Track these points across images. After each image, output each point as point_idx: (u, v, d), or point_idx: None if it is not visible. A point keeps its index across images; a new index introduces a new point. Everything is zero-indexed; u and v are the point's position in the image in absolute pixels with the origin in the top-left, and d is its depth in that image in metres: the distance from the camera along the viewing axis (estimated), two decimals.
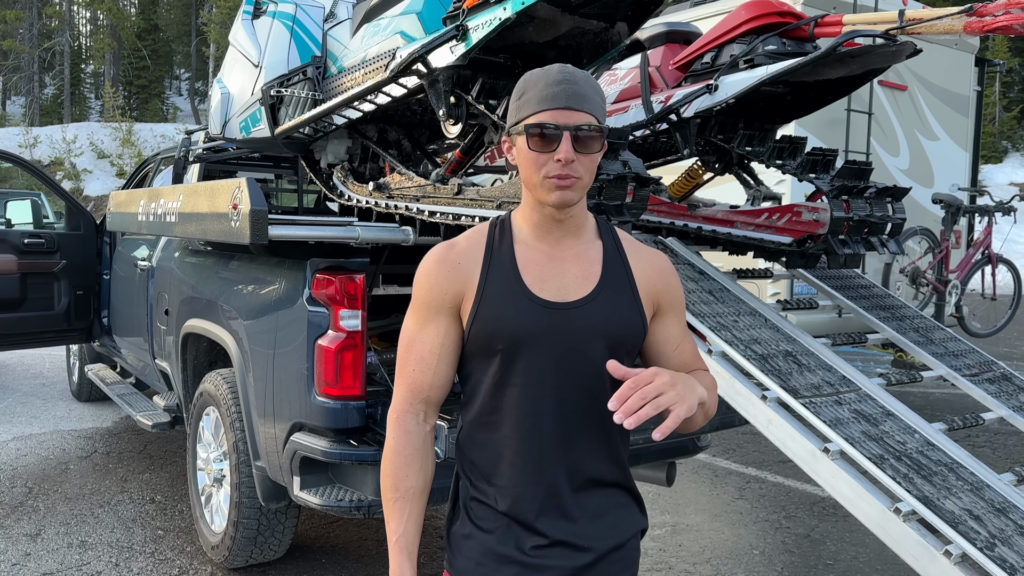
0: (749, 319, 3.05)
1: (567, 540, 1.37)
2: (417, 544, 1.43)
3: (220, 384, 3.52)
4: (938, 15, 2.90)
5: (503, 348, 1.36)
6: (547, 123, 1.31)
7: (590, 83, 1.35)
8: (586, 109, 1.32)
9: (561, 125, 1.31)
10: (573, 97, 1.32)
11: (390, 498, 1.42)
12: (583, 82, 1.34)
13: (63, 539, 3.88)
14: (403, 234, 3.10)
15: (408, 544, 1.41)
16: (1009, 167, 26.79)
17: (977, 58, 7.11)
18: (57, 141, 27.63)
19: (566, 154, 1.30)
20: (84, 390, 6.57)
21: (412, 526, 1.42)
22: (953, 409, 6.64)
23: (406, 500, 1.41)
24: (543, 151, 1.32)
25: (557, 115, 1.31)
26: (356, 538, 3.98)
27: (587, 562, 1.38)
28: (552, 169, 1.32)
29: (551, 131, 1.31)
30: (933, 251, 6.32)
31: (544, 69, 1.36)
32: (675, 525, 4.17)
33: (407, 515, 1.41)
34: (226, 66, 3.91)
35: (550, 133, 1.31)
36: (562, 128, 1.31)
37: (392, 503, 1.42)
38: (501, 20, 2.42)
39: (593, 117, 1.33)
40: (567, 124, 1.31)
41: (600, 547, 1.39)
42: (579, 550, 1.38)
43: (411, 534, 1.41)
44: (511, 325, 1.35)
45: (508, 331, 1.35)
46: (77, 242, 5.50)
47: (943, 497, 2.37)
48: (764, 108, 3.57)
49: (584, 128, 1.32)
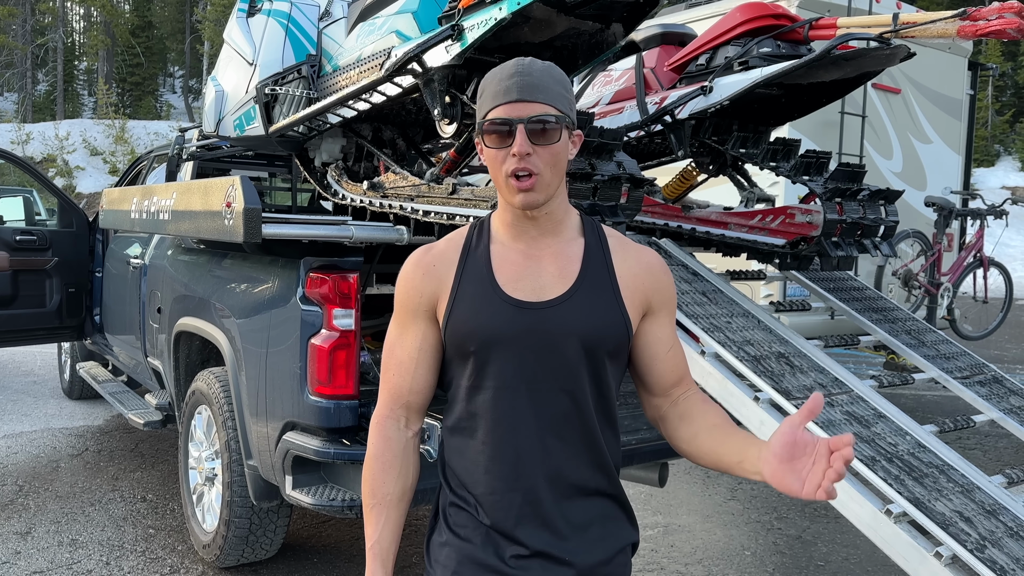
0: (742, 320, 3.06)
1: (548, 552, 1.32)
2: (393, 552, 1.41)
3: (212, 383, 3.51)
4: (932, 19, 2.91)
5: (475, 350, 1.33)
6: (500, 118, 1.28)
7: (548, 73, 1.30)
8: (541, 100, 1.27)
9: (514, 119, 1.27)
10: (525, 89, 1.27)
11: (368, 504, 1.41)
12: (539, 73, 1.29)
13: (54, 537, 3.87)
14: (397, 233, 3.09)
15: (383, 551, 1.39)
16: (1001, 171, 26.91)
17: (970, 62, 7.14)
18: (50, 138, 27.51)
19: (520, 147, 1.26)
20: (75, 388, 6.54)
21: (388, 533, 1.40)
22: (944, 411, 6.67)
23: (383, 507, 1.40)
24: (500, 147, 1.29)
25: (510, 109, 1.27)
26: (348, 537, 3.97)
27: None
28: (511, 164, 1.27)
29: (503, 126, 1.27)
30: (925, 254, 6.34)
31: (502, 65, 1.32)
32: (667, 526, 4.18)
33: (383, 522, 1.40)
34: (220, 64, 3.90)
35: (502, 128, 1.28)
36: (515, 121, 1.27)
37: (369, 509, 1.40)
38: (497, 20, 2.42)
39: (550, 107, 1.28)
40: (520, 116, 1.27)
41: (584, 562, 1.33)
42: (561, 563, 1.32)
43: (386, 541, 1.39)
44: (482, 326, 1.32)
45: (480, 332, 1.32)
46: (69, 239, 5.48)
47: (934, 499, 2.38)
48: (758, 110, 3.58)
49: (538, 119, 1.27)
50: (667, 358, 1.42)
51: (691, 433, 1.39)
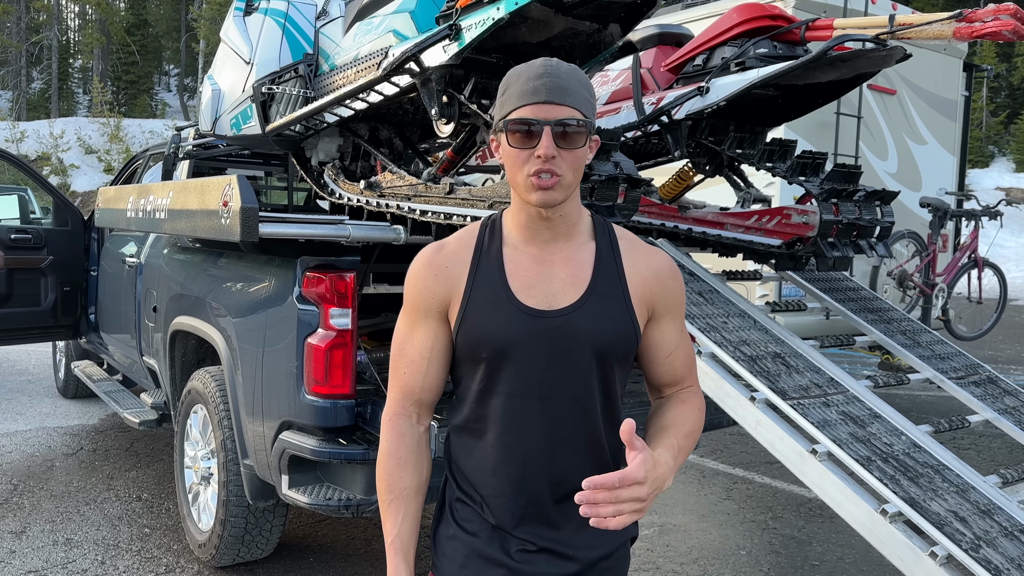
0: (738, 320, 3.07)
1: (552, 548, 1.35)
2: (414, 545, 1.42)
3: (208, 382, 3.50)
4: (928, 20, 2.92)
5: (487, 357, 1.33)
6: (527, 118, 1.26)
7: (575, 76, 1.29)
8: (568, 103, 1.26)
9: (541, 120, 1.25)
10: (554, 91, 1.26)
11: (385, 499, 1.41)
12: (567, 75, 1.28)
13: (48, 537, 3.86)
14: (394, 233, 3.09)
15: (404, 545, 1.40)
16: (996, 172, 27.00)
17: (965, 63, 7.17)
18: (44, 136, 27.44)
19: (546, 150, 1.25)
20: (70, 387, 6.52)
21: (408, 527, 1.40)
22: (939, 412, 6.69)
23: (401, 501, 1.40)
24: (524, 148, 1.27)
25: (537, 110, 1.26)
26: (344, 537, 3.97)
27: (573, 571, 1.36)
28: (533, 166, 1.26)
29: (531, 127, 1.26)
30: (920, 255, 6.36)
31: (528, 63, 1.30)
32: (663, 525, 4.19)
33: (402, 516, 1.40)
34: (217, 62, 3.89)
35: (530, 129, 1.26)
36: (542, 123, 1.25)
37: (387, 504, 1.41)
38: (494, 20, 2.42)
39: (577, 111, 1.27)
40: (547, 119, 1.25)
41: (586, 556, 1.37)
42: (564, 559, 1.35)
43: (406, 535, 1.40)
44: (495, 334, 1.32)
45: (492, 340, 1.32)
46: (64, 238, 5.47)
47: (929, 499, 2.39)
48: (755, 111, 3.59)
49: (565, 122, 1.26)
50: (665, 362, 1.43)
51: (649, 423, 1.43)
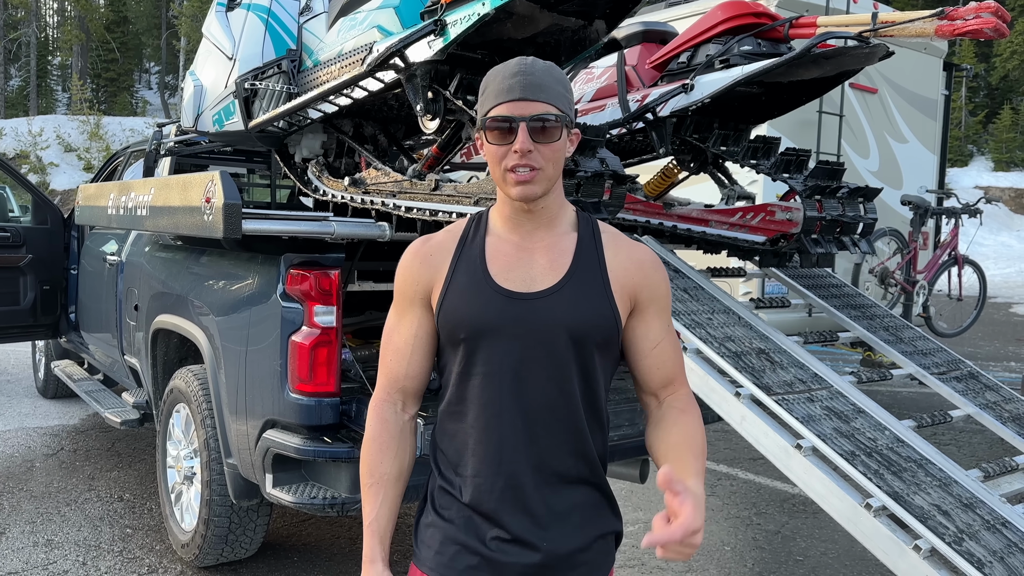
0: (723, 317, 3.08)
1: (526, 538, 1.36)
2: (390, 529, 1.46)
3: (191, 380, 3.47)
4: (910, 18, 2.94)
5: (465, 338, 1.37)
6: (503, 115, 1.33)
7: (550, 73, 1.35)
8: (543, 99, 1.32)
9: (516, 116, 1.32)
10: (528, 88, 1.32)
11: (366, 483, 1.46)
12: (541, 72, 1.34)
13: (28, 538, 3.81)
14: (379, 230, 3.08)
15: (380, 528, 1.44)
16: (974, 170, 27.30)
17: (945, 63, 7.24)
18: (23, 134, 27.12)
19: (522, 144, 1.31)
20: (50, 387, 6.45)
21: (385, 511, 1.45)
22: (921, 407, 6.75)
23: (380, 486, 1.45)
24: (502, 144, 1.34)
25: (513, 107, 1.32)
26: (329, 536, 3.95)
27: (547, 562, 1.36)
28: (511, 161, 1.33)
29: (506, 123, 1.32)
30: (901, 252, 6.42)
31: (505, 63, 1.37)
32: (648, 522, 4.20)
33: (380, 500, 1.45)
34: (199, 58, 3.85)
35: (505, 125, 1.33)
36: (517, 119, 1.32)
37: (367, 488, 1.45)
38: (479, 16, 2.41)
39: (552, 107, 1.33)
40: (523, 115, 1.32)
41: (562, 548, 1.37)
42: (538, 550, 1.36)
43: (384, 519, 1.44)
44: (472, 315, 1.37)
45: (469, 321, 1.37)
46: (44, 236, 5.40)
47: (912, 493, 2.41)
48: (739, 108, 3.60)
49: (541, 118, 1.32)
50: (653, 355, 1.44)
51: (655, 439, 1.44)
